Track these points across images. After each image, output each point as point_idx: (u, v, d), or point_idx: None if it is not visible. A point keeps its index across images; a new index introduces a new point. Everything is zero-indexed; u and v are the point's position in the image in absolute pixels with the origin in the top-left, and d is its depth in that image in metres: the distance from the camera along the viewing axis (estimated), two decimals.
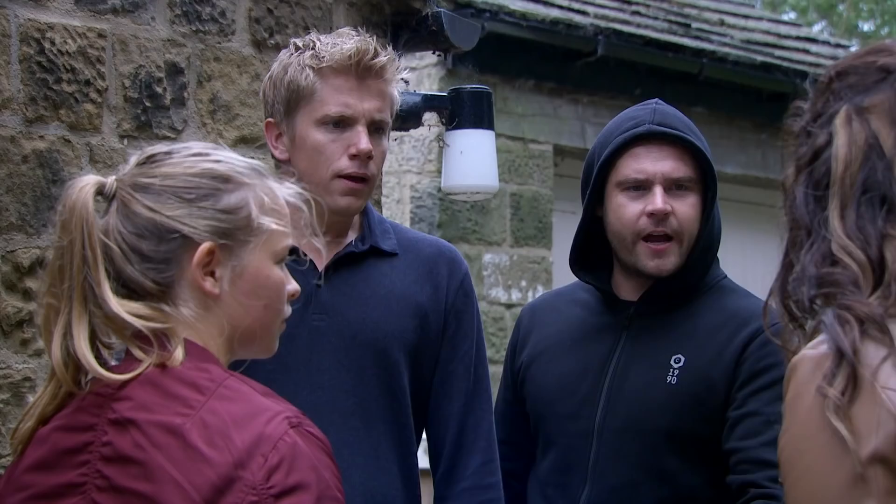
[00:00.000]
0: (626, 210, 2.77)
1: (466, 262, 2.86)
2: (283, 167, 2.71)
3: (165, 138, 3.87)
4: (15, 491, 1.86)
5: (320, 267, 2.66)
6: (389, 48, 2.72)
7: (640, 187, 2.76)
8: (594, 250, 2.90)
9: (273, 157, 2.74)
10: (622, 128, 2.80)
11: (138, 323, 1.82)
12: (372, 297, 2.68)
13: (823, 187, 1.63)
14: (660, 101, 2.85)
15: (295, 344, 2.60)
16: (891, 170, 1.60)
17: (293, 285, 1.97)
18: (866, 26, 20.60)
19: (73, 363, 1.83)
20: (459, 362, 2.76)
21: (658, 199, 2.74)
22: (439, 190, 6.40)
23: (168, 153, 1.92)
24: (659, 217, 2.74)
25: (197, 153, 1.92)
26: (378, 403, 2.66)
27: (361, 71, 2.63)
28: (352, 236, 2.73)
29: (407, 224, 6.79)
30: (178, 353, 1.83)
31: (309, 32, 3.03)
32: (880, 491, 1.50)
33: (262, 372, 2.00)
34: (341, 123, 2.64)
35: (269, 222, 1.90)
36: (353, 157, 2.63)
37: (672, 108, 2.84)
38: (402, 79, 2.78)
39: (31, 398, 1.91)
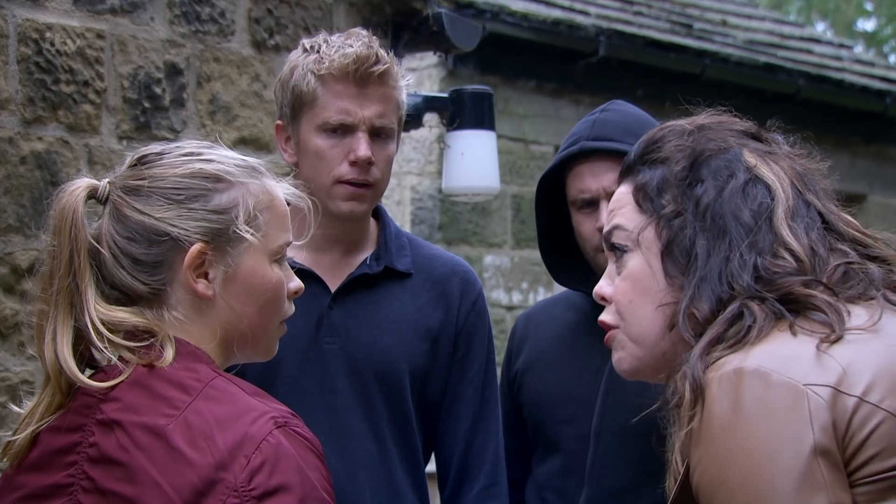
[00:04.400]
0: (582, 227, 2.78)
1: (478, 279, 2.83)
2: (295, 170, 2.69)
3: (165, 139, 3.84)
4: (10, 491, 1.85)
5: (332, 287, 2.65)
6: (391, 53, 2.70)
7: (591, 203, 2.75)
8: (577, 253, 2.88)
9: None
10: (564, 144, 2.80)
11: (115, 339, 1.80)
12: (384, 321, 2.67)
13: None
14: (609, 107, 2.82)
15: (309, 366, 2.60)
16: None
17: (295, 283, 1.95)
18: (868, 25, 20.58)
19: (61, 369, 1.81)
20: (468, 384, 2.74)
21: (604, 216, 2.72)
22: (440, 191, 6.37)
23: (160, 154, 1.90)
24: None
25: (188, 153, 1.90)
26: (389, 426, 2.64)
27: (362, 77, 2.61)
28: (367, 251, 2.71)
29: (407, 226, 6.76)
30: (168, 354, 1.81)
31: (309, 33, 3.00)
32: (827, 483, 1.53)
33: (277, 394, 1.98)
34: (341, 130, 2.62)
35: (263, 221, 1.87)
36: (352, 163, 2.61)
37: (620, 113, 2.80)
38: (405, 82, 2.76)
39: (28, 402, 1.89)
